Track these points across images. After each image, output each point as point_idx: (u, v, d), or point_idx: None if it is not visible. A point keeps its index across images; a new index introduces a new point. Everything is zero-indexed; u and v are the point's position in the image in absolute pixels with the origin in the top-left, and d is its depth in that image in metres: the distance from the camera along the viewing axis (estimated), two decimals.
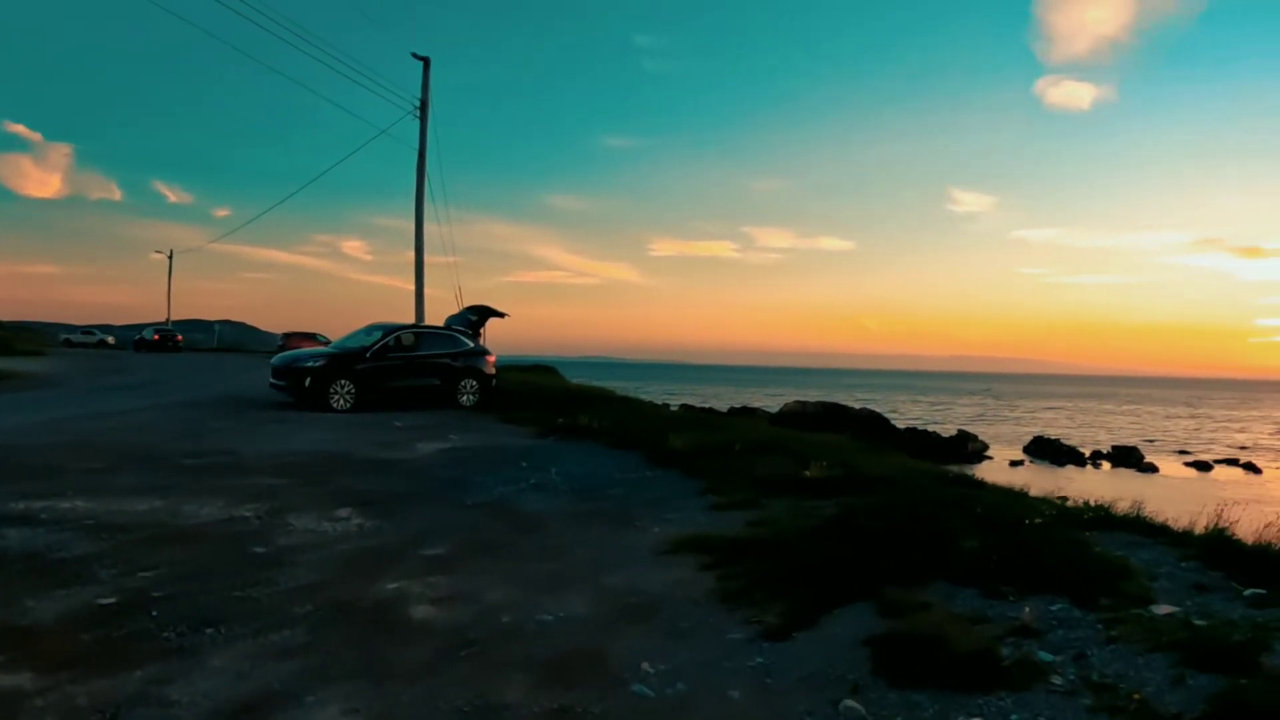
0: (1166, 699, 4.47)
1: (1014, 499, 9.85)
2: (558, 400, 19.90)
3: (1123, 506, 10.57)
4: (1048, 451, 47.27)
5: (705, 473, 10.37)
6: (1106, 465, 44.84)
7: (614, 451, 12.74)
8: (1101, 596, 6.16)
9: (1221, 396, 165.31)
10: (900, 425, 50.34)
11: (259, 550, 6.81)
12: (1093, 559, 6.96)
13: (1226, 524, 8.93)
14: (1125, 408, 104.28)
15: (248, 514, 8.02)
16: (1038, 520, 7.90)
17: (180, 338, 67.35)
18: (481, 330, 23.33)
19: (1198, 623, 5.75)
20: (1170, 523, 9.40)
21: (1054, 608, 5.91)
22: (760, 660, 4.85)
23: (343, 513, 8.38)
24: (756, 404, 62.39)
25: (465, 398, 20.26)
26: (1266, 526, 8.50)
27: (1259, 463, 46.18)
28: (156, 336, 64.28)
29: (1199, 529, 9.05)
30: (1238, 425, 78.23)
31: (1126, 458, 45.79)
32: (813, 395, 67.70)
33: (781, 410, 49.09)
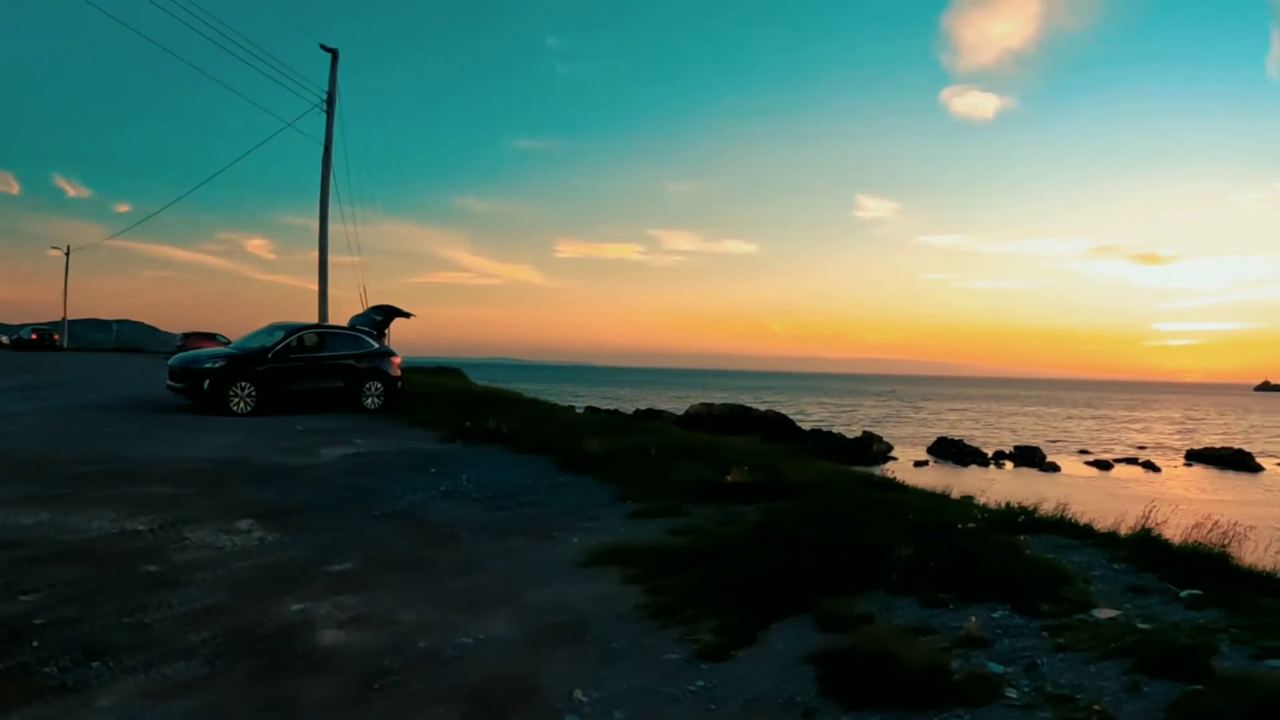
0: (1125, 708, 4.35)
1: (939, 503, 9.87)
2: (465, 403, 19.61)
3: (1028, 506, 10.78)
4: (951, 452, 48.78)
5: (622, 479, 10.08)
6: (1009, 465, 46.51)
7: (525, 457, 12.37)
8: (1042, 602, 6.09)
9: (1121, 398, 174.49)
10: (805, 427, 51.26)
11: (152, 569, 6.32)
12: (1028, 564, 6.92)
13: (1152, 525, 9.14)
14: (1027, 409, 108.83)
15: (141, 527, 7.58)
16: (971, 525, 7.85)
17: (57, 336, 66.35)
18: (386, 331, 22.82)
19: (1142, 626, 5.72)
20: (1078, 519, 9.60)
21: (996, 615, 5.80)
22: (702, 684, 4.53)
23: (243, 525, 7.81)
24: (662, 406, 62.63)
25: (370, 400, 19.76)
26: (1195, 527, 8.68)
27: (1157, 461, 48.71)
28: (34, 336, 63.30)
29: (1114, 527, 9.25)
30: (1137, 425, 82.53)
31: (1029, 458, 47.62)
32: (718, 397, 68.45)
33: (687, 412, 49.36)
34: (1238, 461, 47.62)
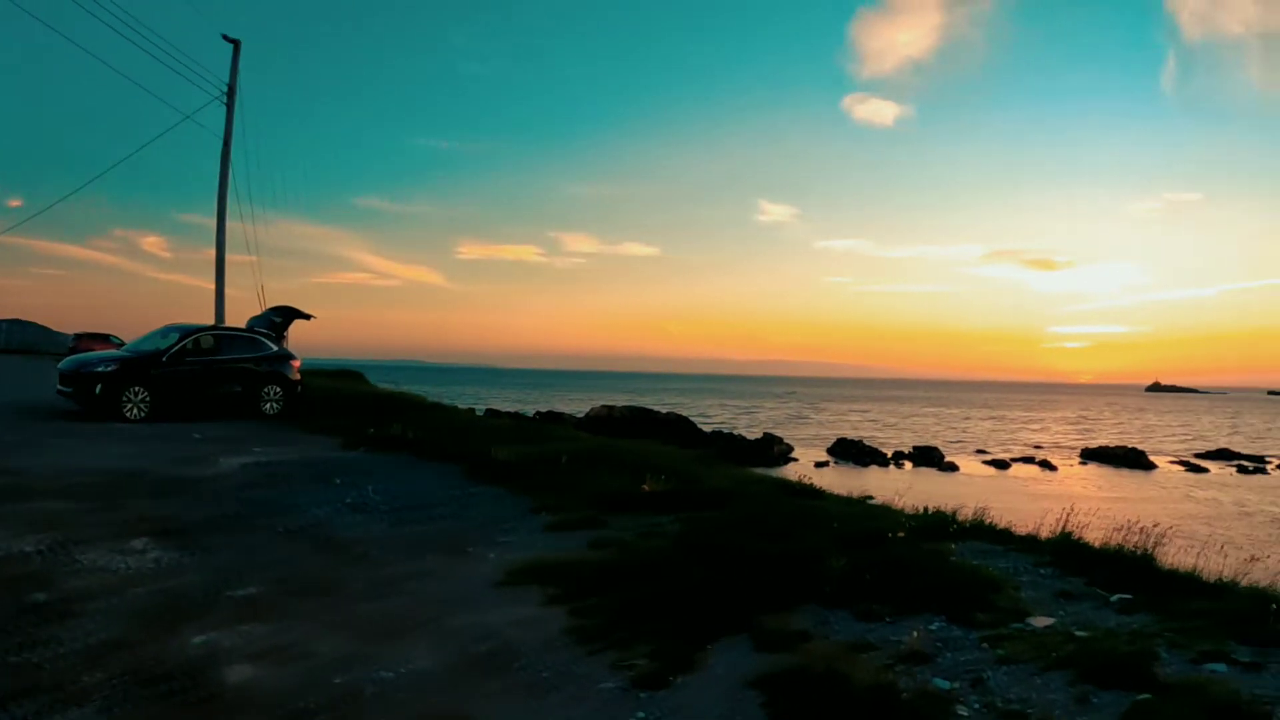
0: None
1: (862, 509, 9.89)
2: (367, 408, 19.28)
3: (948, 511, 10.95)
4: (851, 453, 49.99)
5: (535, 488, 9.78)
6: (908, 465, 47.86)
7: (432, 465, 11.91)
8: (977, 612, 6.07)
9: (1018, 399, 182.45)
10: (707, 429, 51.74)
11: (41, 598, 5.88)
12: (958, 571, 6.92)
13: (1069, 527, 9.34)
14: (927, 410, 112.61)
15: (28, 549, 7.05)
16: (901, 534, 7.85)
17: None
18: (285, 333, 21.97)
19: (1079, 634, 5.74)
20: (995, 522, 9.77)
21: (933, 627, 5.73)
22: (642, 715, 4.28)
23: (139, 544, 7.17)
24: (563, 409, 62.36)
25: (269, 405, 19.01)
26: (1116, 529, 8.86)
27: (1054, 460, 50.88)
28: None
29: (1034, 531, 9.41)
30: (1034, 425, 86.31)
31: (928, 458, 49.13)
32: (619, 400, 68.69)
33: (589, 415, 49.26)
34: (1132, 460, 50.17)
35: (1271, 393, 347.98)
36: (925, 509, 10.97)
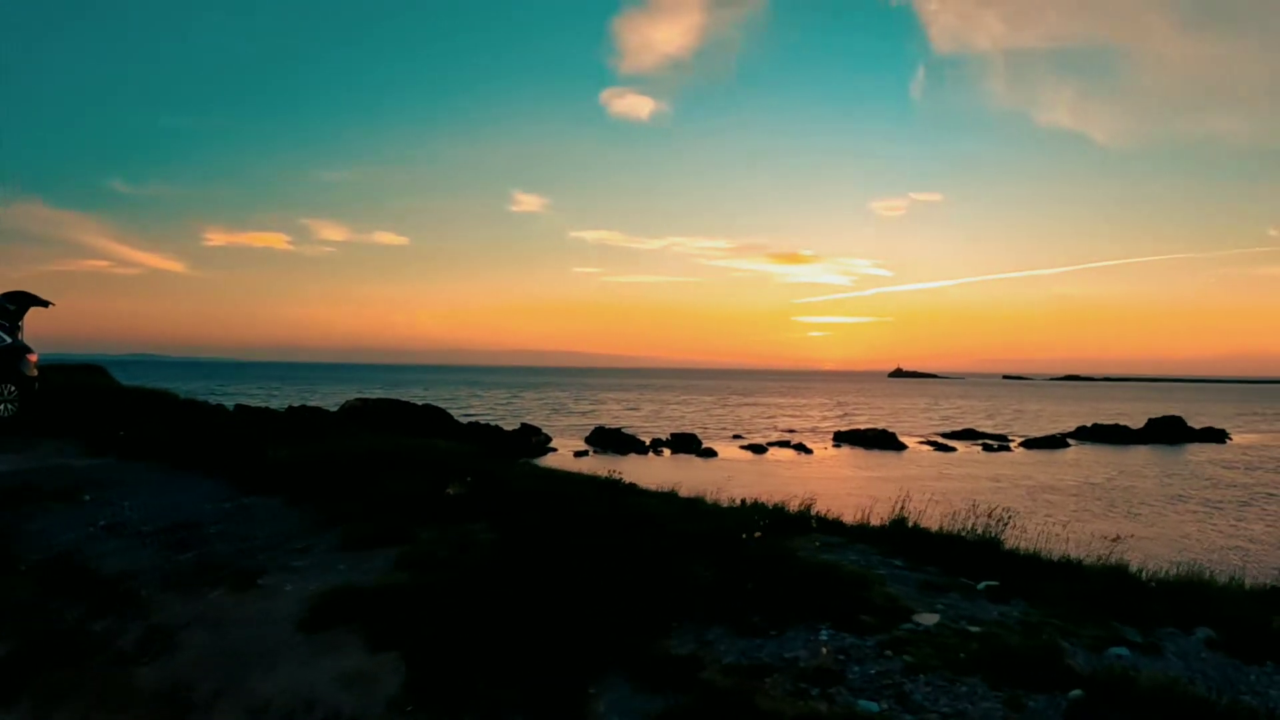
0: None
1: (685, 506, 9.47)
2: (114, 407, 17.46)
3: (739, 499, 10.83)
4: (610, 441, 50.76)
5: (320, 495, 8.51)
6: (667, 452, 49.17)
7: (195, 472, 10.28)
8: (860, 614, 5.72)
9: (768, 386, 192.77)
10: (463, 420, 50.77)
11: None
12: (821, 571, 6.58)
13: (874, 512, 9.43)
14: (683, 397, 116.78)
15: None
16: (757, 534, 7.40)
17: None
18: (20, 323, 18.78)
19: (972, 629, 5.57)
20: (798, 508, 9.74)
21: (823, 636, 5.30)
22: None
23: None
24: (316, 402, 59.10)
25: (3, 407, 16.19)
26: (947, 515, 8.95)
27: (809, 443, 53.84)
28: None
29: (861, 520, 9.40)
30: (787, 410, 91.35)
31: (686, 444, 50.75)
32: (373, 392, 66.69)
33: (343, 407, 46.99)
34: (883, 441, 54.22)
35: (1006, 377, 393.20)
36: (742, 501, 10.76)
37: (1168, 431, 57.95)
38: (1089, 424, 61.48)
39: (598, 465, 40.60)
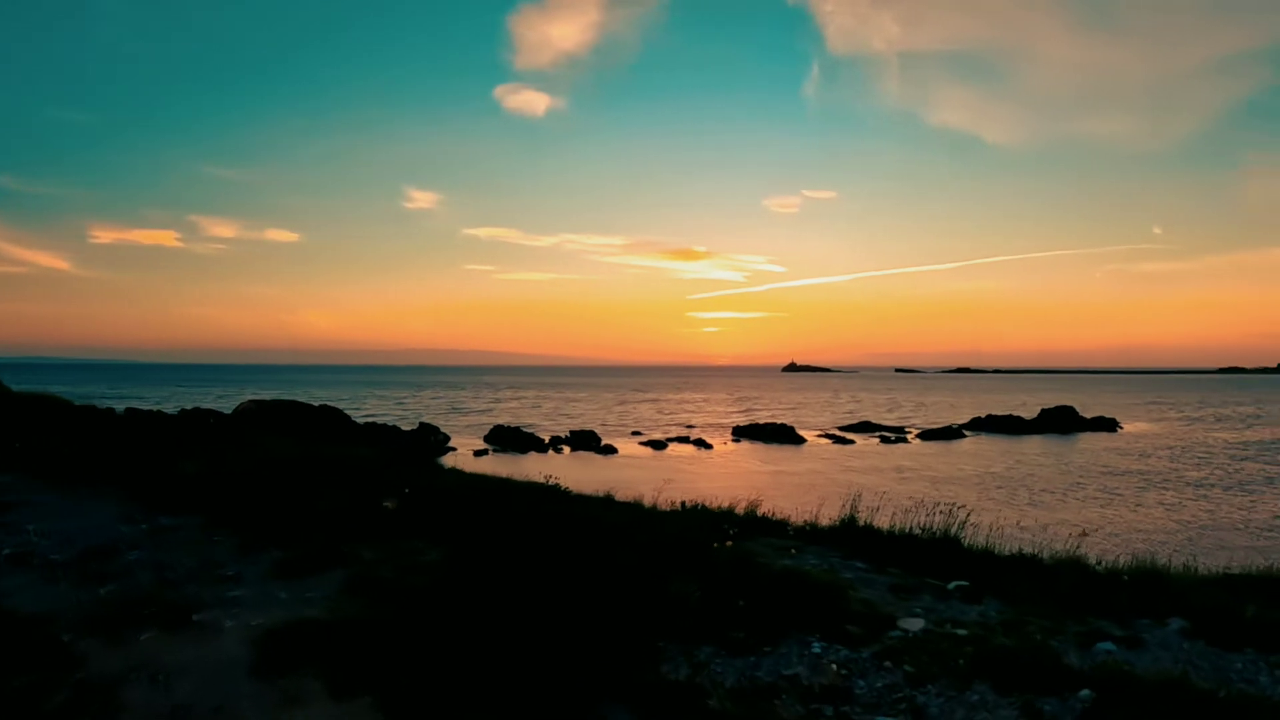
0: None
1: (632, 513, 9.27)
2: (4, 416, 15.98)
3: (680, 502, 10.73)
4: (509, 439, 50.00)
5: (242, 513, 7.95)
6: (567, 450, 48.60)
7: (103, 489, 9.35)
8: (844, 623, 5.66)
9: (668, 381, 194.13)
10: (360, 420, 49.45)
11: None
12: (794, 579, 6.47)
13: (822, 511, 9.44)
14: (581, 395, 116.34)
15: None
16: (728, 542, 7.25)
17: None
18: None
19: (959, 633, 5.61)
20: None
21: (816, 650, 5.21)
22: None
23: None
24: (208, 405, 56.73)
25: None
26: (898, 515, 8.96)
27: (708, 438, 53.96)
28: None
29: (810, 520, 9.36)
30: (686, 406, 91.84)
31: (586, 441, 50.25)
32: (266, 393, 64.52)
33: (237, 410, 45.31)
34: (782, 435, 54.79)
35: (899, 370, 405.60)
36: (684, 504, 10.62)
37: (1060, 421, 60.45)
38: (983, 415, 63.59)
39: (498, 464, 40.00)
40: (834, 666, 4.85)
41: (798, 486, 29.74)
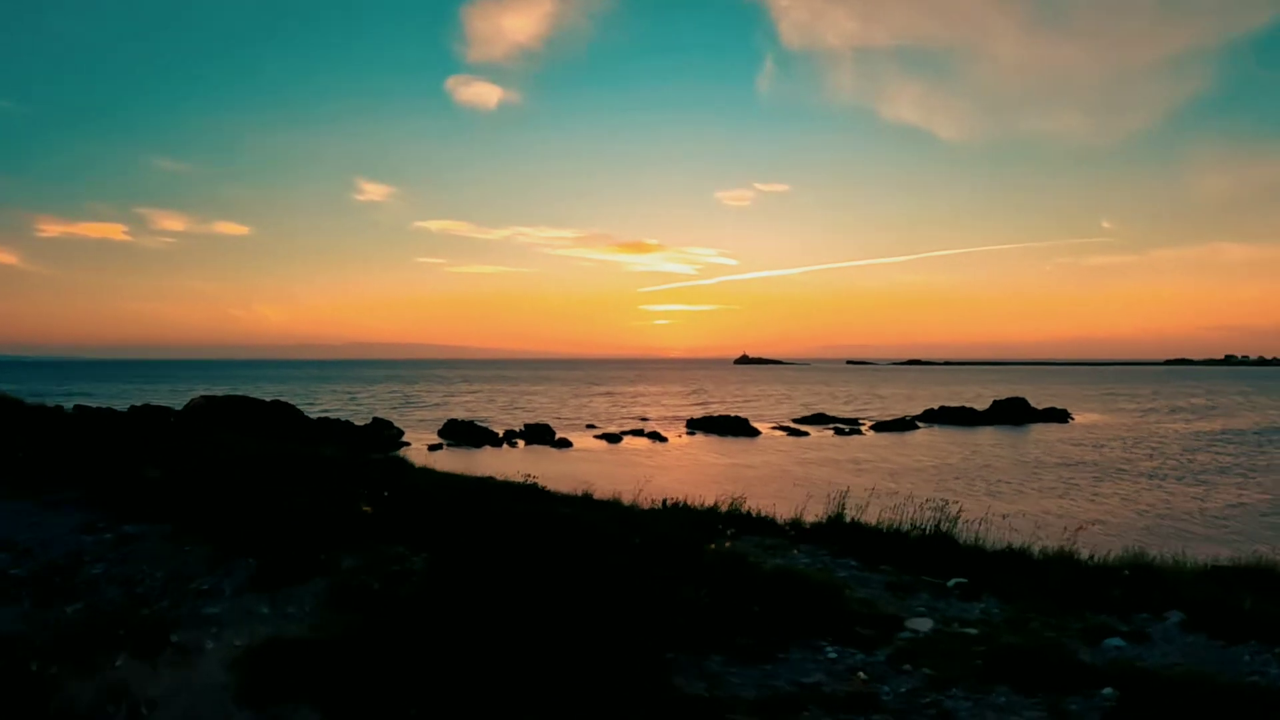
0: None
1: (615, 511, 9.15)
2: None
3: (662, 500, 10.64)
4: (463, 434, 49.63)
5: (212, 519, 7.60)
6: (522, 444, 48.23)
7: (62, 494, 8.83)
8: (853, 625, 5.58)
9: (620, 374, 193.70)
10: (312, 415, 48.82)
11: None
12: (789, 580, 6.38)
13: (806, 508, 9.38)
14: (536, 388, 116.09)
15: None
16: (727, 544, 7.16)
17: None
18: None
19: (969, 632, 5.62)
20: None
21: (831, 655, 5.12)
22: None
23: None
24: (160, 401, 55.57)
25: None
26: (885, 511, 8.92)
27: (663, 431, 53.94)
28: None
29: (795, 516, 9.29)
30: (639, 399, 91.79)
31: (540, 435, 49.99)
32: (218, 389, 63.74)
33: (188, 406, 44.54)
34: (736, 427, 54.86)
35: (850, 362, 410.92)
36: (665, 502, 10.50)
37: (1012, 413, 61.50)
38: (936, 406, 64.38)
39: (453, 459, 39.53)
40: (860, 674, 4.76)
41: (757, 479, 29.75)
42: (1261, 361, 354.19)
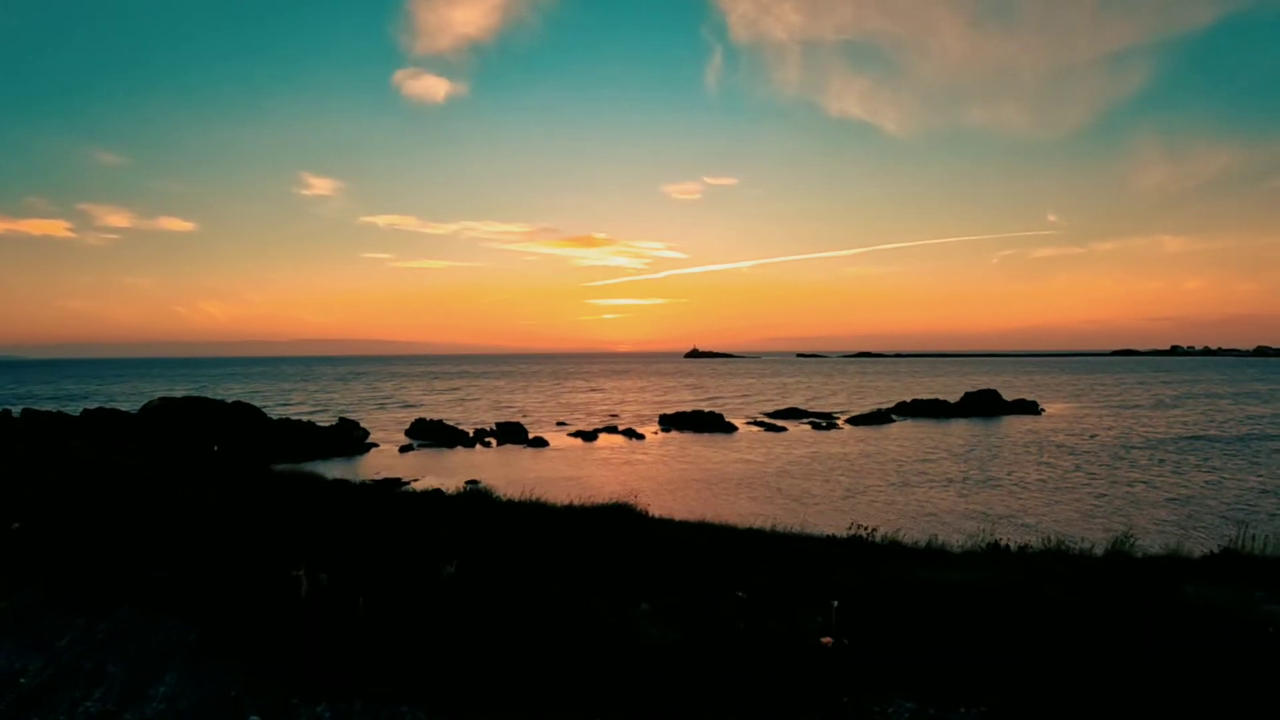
0: None
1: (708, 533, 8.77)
2: None
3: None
4: (432, 433, 48.72)
5: (188, 600, 5.86)
6: (494, 443, 47.19)
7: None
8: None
9: (575, 369, 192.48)
10: (274, 416, 47.84)
11: None
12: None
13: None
14: (496, 384, 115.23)
15: None
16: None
17: None
18: None
19: None
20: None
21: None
22: None
23: None
24: (113, 405, 54.17)
25: None
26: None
27: (637, 428, 53.20)
28: None
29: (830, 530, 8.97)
30: (601, 395, 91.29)
31: (513, 434, 49.03)
32: (177, 390, 62.45)
33: (146, 407, 43.41)
34: (712, 423, 54.33)
35: (801, 355, 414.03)
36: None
37: (984, 405, 62.21)
38: (908, 399, 64.75)
39: (425, 460, 38.95)
40: None
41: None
42: (1207, 352, 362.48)
